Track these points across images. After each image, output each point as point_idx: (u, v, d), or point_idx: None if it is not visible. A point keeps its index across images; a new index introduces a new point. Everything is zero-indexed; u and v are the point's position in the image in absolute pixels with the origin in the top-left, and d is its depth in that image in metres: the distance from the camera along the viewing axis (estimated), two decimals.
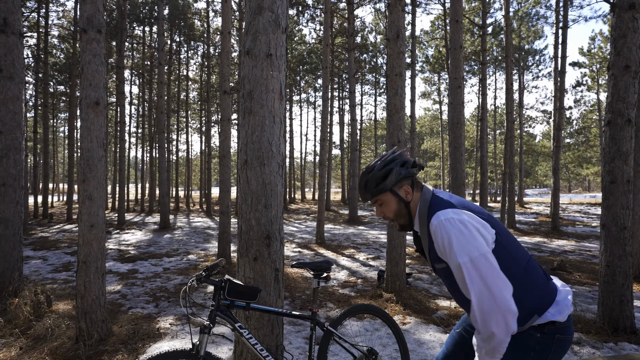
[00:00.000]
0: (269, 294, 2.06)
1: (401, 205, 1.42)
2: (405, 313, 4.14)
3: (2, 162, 4.61)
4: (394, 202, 1.42)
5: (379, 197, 1.43)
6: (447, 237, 1.24)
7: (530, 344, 1.28)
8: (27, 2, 16.07)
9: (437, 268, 1.43)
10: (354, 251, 8.14)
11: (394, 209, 1.42)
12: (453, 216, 1.27)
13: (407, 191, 1.42)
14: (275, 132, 2.08)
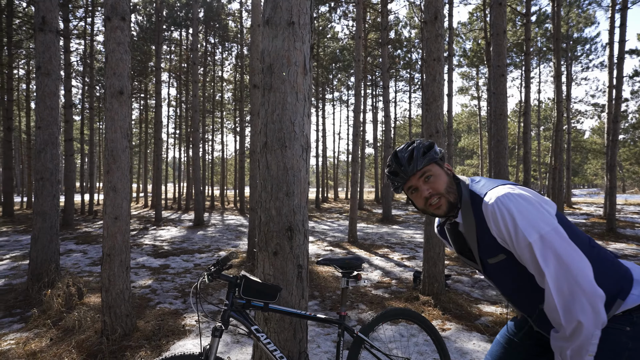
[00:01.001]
0: (291, 294, 1.83)
1: (450, 179, 1.26)
2: (444, 318, 3.78)
3: (40, 157, 4.73)
4: (443, 174, 1.26)
5: (428, 167, 1.25)
6: (508, 215, 1.04)
7: (622, 341, 0.99)
8: (76, 11, 17.00)
9: (489, 265, 1.19)
10: (388, 250, 7.78)
11: (445, 180, 1.24)
12: (510, 192, 1.08)
13: (450, 167, 1.31)
14: (298, 110, 1.84)
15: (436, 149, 1.28)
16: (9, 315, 4.02)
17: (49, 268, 4.63)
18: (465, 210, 1.20)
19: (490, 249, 1.16)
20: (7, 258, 7.13)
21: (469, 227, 1.20)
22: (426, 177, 1.24)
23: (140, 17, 21.07)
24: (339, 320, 1.82)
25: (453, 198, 1.23)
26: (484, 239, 1.16)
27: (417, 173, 1.24)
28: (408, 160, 1.26)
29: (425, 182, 1.25)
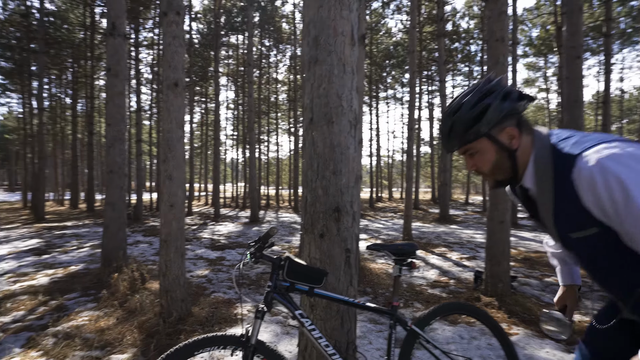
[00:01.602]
0: (338, 280, 1.70)
1: (502, 155, 1.02)
2: (510, 322, 3.41)
3: (109, 152, 5.12)
4: (491, 150, 1.03)
5: (471, 145, 1.04)
6: (616, 182, 0.81)
7: None
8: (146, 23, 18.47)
9: (571, 239, 0.97)
10: (446, 250, 7.34)
11: (491, 159, 1.03)
12: (615, 151, 0.84)
13: (512, 135, 1.02)
14: (345, 83, 1.72)
15: (491, 112, 0.99)
16: (85, 295, 4.40)
17: (117, 254, 4.99)
18: (541, 175, 0.97)
19: (576, 222, 0.93)
20: (87, 246, 7.89)
21: (544, 196, 0.97)
22: (470, 153, 1.06)
23: (201, 25, 22.33)
24: (390, 310, 1.66)
25: (502, 176, 1.05)
26: (567, 211, 0.94)
27: (458, 148, 1.07)
28: (448, 134, 1.07)
29: (470, 156, 1.07)
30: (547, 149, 0.97)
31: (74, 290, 4.62)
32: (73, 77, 20.77)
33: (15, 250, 7.52)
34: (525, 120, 1.03)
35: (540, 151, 0.98)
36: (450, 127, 1.06)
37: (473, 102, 1.02)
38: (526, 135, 1.02)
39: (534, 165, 0.99)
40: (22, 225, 11.99)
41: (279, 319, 3.62)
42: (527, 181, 1.01)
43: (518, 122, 1.02)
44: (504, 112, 0.99)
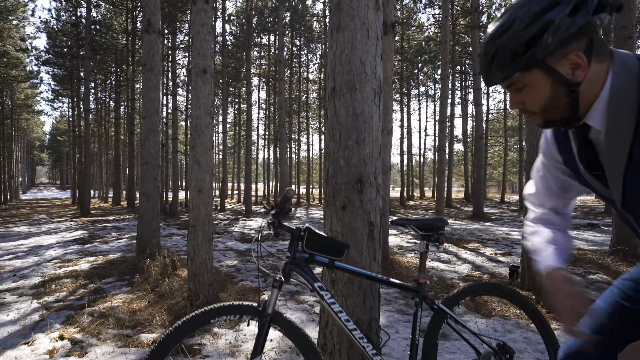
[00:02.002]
0: (361, 254, 1.63)
1: (559, 91, 0.78)
2: (549, 317, 3.17)
3: (144, 144, 5.31)
4: (546, 84, 0.78)
5: (518, 77, 0.80)
6: None
7: None
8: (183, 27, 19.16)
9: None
10: (479, 245, 7.02)
11: (544, 96, 0.79)
12: None
13: (577, 63, 0.75)
14: (369, 49, 1.64)
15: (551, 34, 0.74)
16: (120, 280, 4.58)
17: (151, 243, 5.17)
18: (618, 109, 0.75)
19: None
20: (125, 237, 8.27)
21: (618, 133, 0.76)
22: (516, 87, 0.83)
23: (234, 27, 22.88)
24: (416, 287, 1.57)
25: (556, 116, 0.82)
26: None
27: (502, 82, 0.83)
28: (488, 65, 0.82)
29: (516, 92, 0.83)
30: (634, 74, 0.74)
31: (111, 275, 4.83)
32: (116, 80, 21.94)
33: (62, 240, 8.01)
34: (599, 42, 0.77)
35: (622, 78, 0.75)
36: (493, 54, 0.80)
37: (530, 17, 0.75)
38: (598, 62, 0.77)
39: (609, 97, 0.76)
40: (69, 219, 12.79)
41: (305, 307, 3.58)
42: (594, 119, 0.79)
43: (588, 45, 0.75)
44: (571, 31, 0.73)
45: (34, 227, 10.48)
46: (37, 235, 8.80)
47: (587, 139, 0.85)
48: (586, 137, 0.85)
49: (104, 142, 28.27)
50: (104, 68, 21.99)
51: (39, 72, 23.35)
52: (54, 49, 20.86)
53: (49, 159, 66.58)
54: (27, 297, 3.94)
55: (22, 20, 17.05)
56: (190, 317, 1.34)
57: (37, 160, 61.35)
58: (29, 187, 51.97)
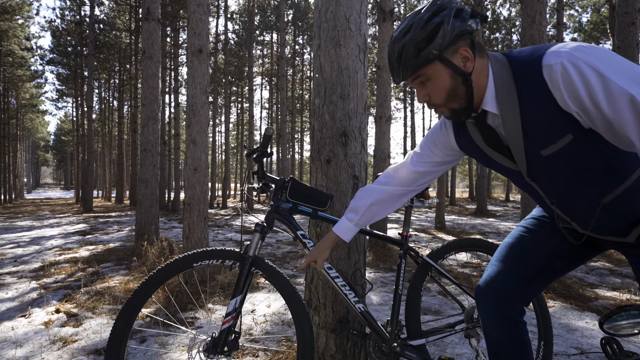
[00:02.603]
0: (345, 207, 1.64)
1: (457, 80, 0.92)
2: (547, 297, 3.16)
3: (143, 131, 5.35)
4: (445, 75, 0.92)
5: (422, 71, 0.93)
6: (590, 69, 0.76)
7: None
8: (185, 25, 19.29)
9: (541, 159, 0.92)
10: (480, 237, 7.00)
11: (446, 86, 0.93)
12: (577, 45, 0.80)
13: (466, 56, 0.91)
14: (354, 5, 1.66)
15: (444, 33, 0.89)
16: (119, 264, 4.62)
17: (149, 229, 5.20)
18: (503, 93, 0.90)
19: (549, 133, 0.86)
20: (126, 230, 8.32)
21: (510, 114, 0.90)
22: (421, 80, 0.95)
23: (237, 25, 22.98)
24: (401, 240, 1.57)
25: (458, 105, 0.95)
26: (538, 122, 0.87)
27: (409, 77, 0.95)
28: (397, 60, 0.95)
29: (422, 85, 0.96)
30: (505, 66, 0.90)
31: (109, 260, 4.87)
32: (119, 79, 22.11)
33: (64, 232, 8.08)
34: (478, 42, 0.94)
35: (499, 70, 0.91)
36: (400, 51, 0.93)
37: (425, 20, 0.90)
38: (480, 57, 0.93)
39: (494, 86, 0.91)
40: (72, 215, 12.88)
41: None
42: (490, 105, 0.93)
43: (471, 44, 0.92)
44: (456, 30, 0.89)
45: (37, 221, 10.57)
46: (40, 228, 8.88)
47: (487, 125, 0.98)
48: (486, 123, 0.98)
49: (107, 141, 28.46)
50: (107, 67, 22.16)
51: (44, 72, 23.57)
52: (58, 48, 21.08)
53: (53, 159, 67.17)
54: (26, 279, 3.98)
55: (27, 19, 17.23)
56: (173, 261, 1.36)
57: (41, 160, 61.90)
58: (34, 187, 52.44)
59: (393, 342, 1.43)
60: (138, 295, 1.28)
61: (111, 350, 1.22)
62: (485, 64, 0.93)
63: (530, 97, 0.86)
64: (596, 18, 17.95)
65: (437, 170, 1.24)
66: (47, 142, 56.15)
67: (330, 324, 1.64)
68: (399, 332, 1.47)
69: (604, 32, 17.72)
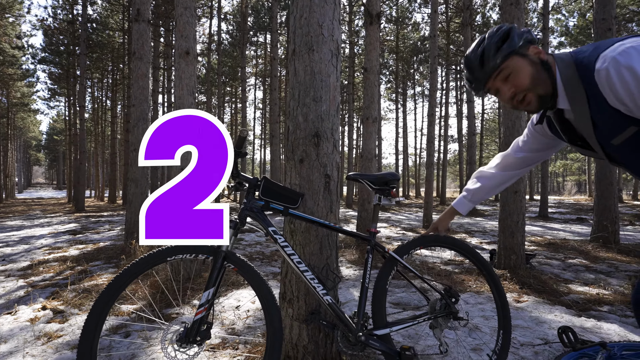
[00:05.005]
0: (317, 204, 1.72)
1: (537, 67, 1.03)
2: (521, 292, 3.27)
3: (134, 131, 5.39)
4: (526, 65, 1.04)
5: (505, 64, 1.05)
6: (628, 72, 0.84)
7: None
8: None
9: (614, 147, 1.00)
10: (466, 236, 7.13)
11: (529, 72, 1.03)
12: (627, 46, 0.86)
13: (538, 51, 1.06)
14: (326, 13, 1.74)
15: (514, 36, 1.06)
16: (108, 263, 4.66)
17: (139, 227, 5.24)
18: (572, 90, 0.99)
19: (613, 125, 0.96)
20: (117, 229, 8.34)
21: (580, 110, 1.00)
22: (505, 76, 1.06)
23: (231, 26, 23.01)
24: (368, 237, 1.66)
25: (544, 90, 1.03)
26: (603, 117, 0.96)
27: (493, 74, 1.07)
28: (480, 63, 1.08)
29: (506, 82, 1.07)
30: (570, 65, 0.99)
31: (99, 259, 4.91)
32: (112, 79, 22.02)
33: (54, 231, 8.08)
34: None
35: (564, 69, 1.00)
36: (481, 54, 1.08)
37: (494, 31, 1.10)
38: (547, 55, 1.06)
39: (562, 84, 1.01)
40: (63, 215, 12.83)
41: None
42: (562, 103, 1.03)
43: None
44: (524, 35, 1.06)
45: (28, 221, 10.53)
46: (30, 227, 8.86)
47: (565, 119, 1.11)
48: (564, 118, 1.11)
49: (100, 141, 28.30)
50: (100, 66, 22.06)
51: (35, 71, 23.38)
52: (50, 47, 20.94)
53: (45, 159, 66.53)
54: (13, 278, 4.01)
55: (18, 17, 17.12)
56: (147, 255, 1.43)
57: (33, 160, 61.28)
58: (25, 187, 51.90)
59: (359, 332, 1.51)
60: (111, 288, 1.34)
61: (84, 341, 1.27)
62: (553, 62, 1.04)
63: (592, 95, 0.95)
64: (582, 22, 18.24)
65: (536, 157, 1.40)
66: (39, 142, 55.62)
67: (303, 315, 1.72)
68: (365, 322, 1.55)
69: (589, 36, 18.01)
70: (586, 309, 2.80)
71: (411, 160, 38.51)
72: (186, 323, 1.42)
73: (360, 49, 20.55)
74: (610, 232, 5.37)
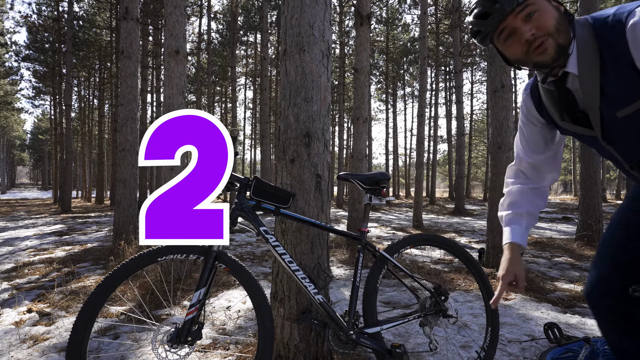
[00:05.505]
0: (308, 204, 1.73)
1: (561, 13, 0.95)
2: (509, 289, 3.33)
3: (122, 130, 5.32)
4: (551, 7, 0.95)
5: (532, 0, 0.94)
6: None
7: None
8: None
9: (617, 120, 0.93)
10: (455, 235, 7.22)
11: (554, 15, 0.94)
12: None
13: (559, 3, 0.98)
14: (317, 13, 1.75)
15: None
16: (96, 264, 4.60)
17: (128, 228, 5.18)
18: (585, 53, 0.93)
19: (629, 93, 0.88)
20: (105, 230, 8.22)
21: (589, 75, 0.92)
22: (528, 13, 0.93)
23: (221, 25, 22.85)
24: (359, 236, 1.67)
25: (564, 39, 0.93)
26: (618, 83, 0.89)
27: (517, 8, 0.94)
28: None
29: (527, 21, 0.94)
30: (587, 28, 0.93)
31: (86, 260, 4.83)
32: (100, 78, 21.67)
33: (40, 232, 7.92)
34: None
35: (581, 32, 0.94)
36: None
37: None
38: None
39: (577, 47, 0.94)
40: (49, 216, 12.58)
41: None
42: (572, 66, 0.95)
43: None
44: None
45: (11, 222, 10.30)
46: (14, 229, 8.66)
47: (566, 88, 1.01)
48: (564, 87, 1.01)
49: (87, 141, 27.83)
50: (87, 65, 21.68)
51: (19, 68, 22.91)
52: (35, 45, 20.51)
53: (30, 158, 65.12)
54: None
55: (0, 13, 16.71)
56: (138, 256, 1.42)
57: (17, 160, 59.91)
58: (9, 188, 50.72)
59: (350, 330, 1.52)
60: (101, 289, 1.33)
61: (73, 344, 1.25)
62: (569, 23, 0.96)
63: (610, 59, 0.88)
64: None
65: (547, 153, 1.22)
66: (23, 141, 54.38)
67: (294, 315, 1.73)
68: (356, 321, 1.57)
69: None
70: (571, 306, 2.87)
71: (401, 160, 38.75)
72: (177, 323, 1.41)
73: (350, 49, 20.63)
74: (595, 231, 5.49)
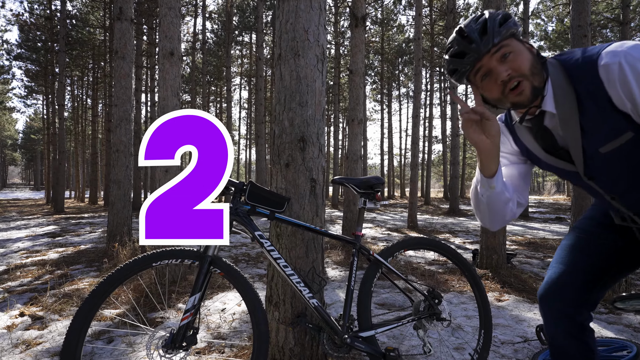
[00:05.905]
0: (303, 208, 1.74)
1: (534, 56, 0.97)
2: (502, 291, 3.36)
3: (116, 131, 5.29)
4: (525, 50, 0.97)
5: (507, 42, 0.96)
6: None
7: None
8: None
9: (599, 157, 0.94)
10: (450, 236, 7.26)
11: (529, 57, 0.96)
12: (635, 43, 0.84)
13: (531, 46, 1.01)
14: (312, 18, 1.76)
15: (514, 20, 0.97)
16: (89, 266, 4.56)
17: (122, 230, 5.15)
18: (560, 93, 0.94)
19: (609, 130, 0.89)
20: (98, 231, 8.15)
21: (568, 114, 0.94)
22: (503, 54, 0.95)
23: (216, 25, 22.77)
24: (354, 240, 1.68)
25: (538, 82, 0.95)
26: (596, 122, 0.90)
27: (492, 49, 0.95)
28: (480, 33, 0.96)
29: (503, 62, 0.95)
30: (557, 66, 0.96)
31: (79, 262, 4.79)
32: (93, 77, 21.49)
33: (32, 234, 7.84)
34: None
35: (553, 69, 0.96)
36: (484, 24, 0.97)
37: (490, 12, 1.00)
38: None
39: (552, 87, 0.96)
40: (42, 217, 12.46)
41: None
42: (549, 105, 0.96)
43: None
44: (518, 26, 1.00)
45: (3, 223, 10.18)
46: (5, 230, 8.57)
47: (544, 127, 1.02)
48: (542, 125, 1.02)
49: (80, 140, 27.58)
50: (80, 64, 21.51)
51: (11, 67, 22.65)
52: (27, 43, 20.30)
53: (22, 158, 64.40)
54: None
55: None
56: (132, 261, 1.41)
57: (9, 159, 59.22)
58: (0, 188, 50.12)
59: (344, 334, 1.53)
60: (96, 294, 1.32)
61: (67, 350, 1.25)
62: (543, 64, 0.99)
63: (587, 98, 0.89)
64: (560, 27, 18.81)
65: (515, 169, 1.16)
66: (15, 141, 53.78)
67: (289, 318, 1.73)
68: (351, 324, 1.58)
69: (567, 41, 18.57)
70: None
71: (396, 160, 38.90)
72: (172, 328, 1.41)
73: (345, 50, 20.66)
74: None
